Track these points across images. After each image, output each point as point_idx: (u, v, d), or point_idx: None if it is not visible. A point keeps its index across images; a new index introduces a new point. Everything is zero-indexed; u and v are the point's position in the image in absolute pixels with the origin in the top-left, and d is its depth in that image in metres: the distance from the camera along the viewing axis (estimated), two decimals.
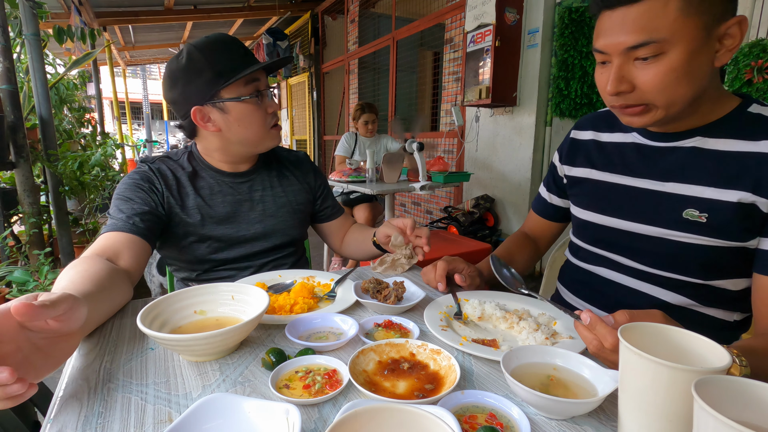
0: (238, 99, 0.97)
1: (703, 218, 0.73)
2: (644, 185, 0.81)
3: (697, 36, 0.64)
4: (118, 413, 0.51)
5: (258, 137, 1.03)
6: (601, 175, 0.89)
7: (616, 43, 0.67)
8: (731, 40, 0.66)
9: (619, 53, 0.68)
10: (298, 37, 6.97)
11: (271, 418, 0.46)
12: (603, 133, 0.92)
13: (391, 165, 2.72)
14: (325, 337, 0.71)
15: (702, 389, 0.33)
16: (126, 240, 0.90)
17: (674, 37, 0.63)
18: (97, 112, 5.66)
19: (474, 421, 0.49)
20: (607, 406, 0.54)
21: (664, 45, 0.64)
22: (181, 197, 1.04)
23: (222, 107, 0.97)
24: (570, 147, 0.98)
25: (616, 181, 0.86)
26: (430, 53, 5.28)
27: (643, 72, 0.67)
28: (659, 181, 0.79)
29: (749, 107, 0.73)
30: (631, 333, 0.45)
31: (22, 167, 2.61)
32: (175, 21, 6.02)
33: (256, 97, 0.99)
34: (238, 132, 1.01)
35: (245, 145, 1.05)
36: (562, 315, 0.77)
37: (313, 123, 7.05)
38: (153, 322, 0.65)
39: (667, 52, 0.64)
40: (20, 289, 2.46)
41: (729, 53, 0.67)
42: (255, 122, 1.00)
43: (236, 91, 0.97)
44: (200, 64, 0.94)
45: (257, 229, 1.10)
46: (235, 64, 0.96)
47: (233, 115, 0.98)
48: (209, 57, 0.95)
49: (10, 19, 2.70)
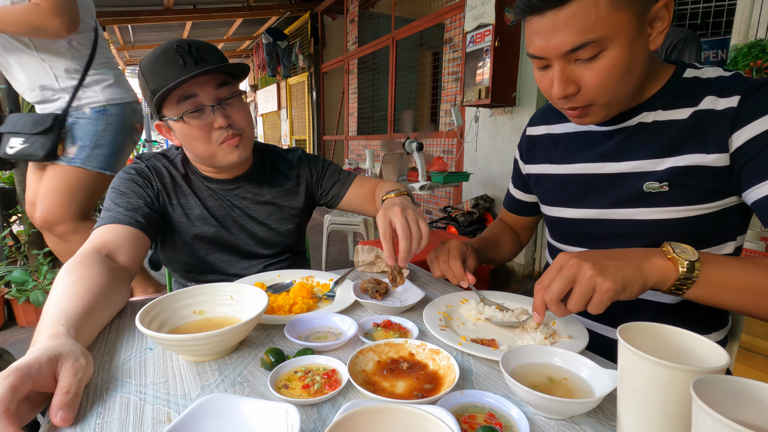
0: (172, 119, 0.92)
1: (665, 187, 0.73)
2: (601, 170, 0.81)
3: (632, 27, 0.63)
4: (117, 413, 0.51)
5: (206, 154, 0.95)
6: (559, 168, 0.89)
7: (553, 46, 0.65)
8: (661, 23, 0.66)
9: (559, 57, 0.66)
10: (298, 37, 6.96)
11: (270, 418, 0.46)
12: (555, 125, 0.92)
13: (391, 165, 2.72)
14: (324, 337, 0.71)
15: (700, 389, 0.33)
16: (126, 233, 0.87)
17: (611, 33, 0.62)
18: None
19: (473, 421, 0.49)
20: (605, 405, 0.54)
21: (603, 43, 0.63)
22: (176, 196, 1.02)
23: (169, 125, 0.94)
24: (527, 145, 0.98)
25: (575, 171, 0.86)
26: (429, 53, 5.27)
27: (587, 72, 0.66)
28: (614, 162, 0.79)
29: (684, 73, 0.74)
30: (630, 333, 0.45)
31: (21, 167, 2.61)
32: (174, 21, 6.02)
33: (193, 114, 0.90)
34: (190, 148, 0.97)
35: (203, 160, 0.98)
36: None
37: (313, 123, 7.05)
38: (152, 322, 0.65)
39: (606, 50, 0.64)
40: (19, 289, 2.46)
41: (661, 35, 0.67)
42: (196, 140, 0.93)
43: (171, 109, 0.91)
44: (142, 81, 0.92)
45: (247, 237, 1.08)
46: (166, 80, 0.87)
47: (177, 132, 0.94)
48: (147, 74, 0.90)
49: None
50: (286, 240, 1.14)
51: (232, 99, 0.95)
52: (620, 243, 0.81)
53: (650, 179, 0.74)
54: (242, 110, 0.97)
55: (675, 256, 0.59)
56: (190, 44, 0.90)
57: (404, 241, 0.79)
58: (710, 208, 0.72)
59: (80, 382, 0.52)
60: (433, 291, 0.94)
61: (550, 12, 0.64)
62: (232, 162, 0.97)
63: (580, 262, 0.59)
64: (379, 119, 5.60)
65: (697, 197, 0.72)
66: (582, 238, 0.88)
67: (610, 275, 0.57)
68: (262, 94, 9.43)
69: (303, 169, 1.16)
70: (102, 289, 0.71)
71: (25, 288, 2.47)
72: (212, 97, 0.92)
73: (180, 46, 0.89)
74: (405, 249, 0.79)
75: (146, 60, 0.91)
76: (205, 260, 1.07)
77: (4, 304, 2.56)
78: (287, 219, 1.13)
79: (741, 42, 1.96)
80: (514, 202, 1.09)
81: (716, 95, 0.69)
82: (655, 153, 0.74)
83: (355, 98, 5.84)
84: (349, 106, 6.00)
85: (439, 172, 2.87)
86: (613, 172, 0.79)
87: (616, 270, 0.57)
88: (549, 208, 0.93)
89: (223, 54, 0.97)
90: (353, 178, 1.18)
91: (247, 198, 1.08)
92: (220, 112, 0.92)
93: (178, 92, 0.89)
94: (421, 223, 0.82)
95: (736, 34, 1.99)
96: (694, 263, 0.59)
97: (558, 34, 0.64)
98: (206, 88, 0.91)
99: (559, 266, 0.61)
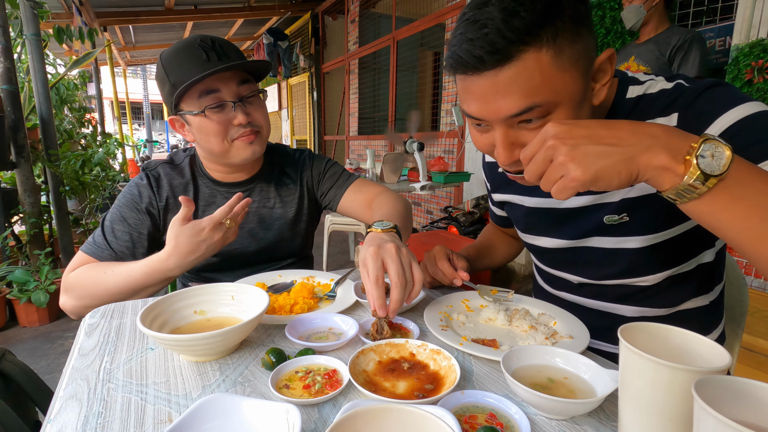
0: (191, 113, 0.92)
1: (625, 218, 0.71)
2: (561, 204, 0.79)
3: (578, 89, 0.58)
4: (118, 413, 0.51)
5: (220, 151, 0.95)
6: (524, 200, 0.86)
7: (493, 110, 0.58)
8: (603, 75, 0.62)
9: (501, 121, 0.59)
10: (299, 37, 6.97)
11: (271, 419, 0.46)
12: None
13: (391, 165, 2.72)
14: (325, 337, 0.71)
15: (702, 389, 0.33)
16: None
17: (557, 97, 0.56)
18: (98, 112, 5.67)
19: (474, 421, 0.49)
20: (607, 405, 0.54)
21: (549, 107, 0.57)
22: (177, 207, 0.99)
23: (185, 119, 0.94)
24: (489, 172, 0.95)
25: (538, 205, 0.84)
26: (430, 53, 5.27)
27: (532, 136, 0.58)
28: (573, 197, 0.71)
29: (627, 93, 0.69)
30: (631, 333, 0.45)
31: (22, 167, 2.62)
32: (175, 21, 6.03)
33: (215, 109, 0.91)
34: (203, 144, 0.96)
35: (215, 157, 0.99)
36: (560, 314, 0.77)
37: (314, 123, 7.06)
38: (153, 322, 0.65)
39: (552, 112, 0.58)
40: (21, 289, 2.46)
41: (604, 88, 0.62)
42: (212, 136, 0.93)
43: (191, 103, 0.91)
44: (162, 74, 0.92)
45: (251, 243, 1.06)
46: (189, 74, 0.87)
47: (194, 127, 0.94)
48: (168, 67, 0.90)
49: (11, 20, 2.71)
50: (290, 246, 1.12)
51: (252, 97, 0.96)
52: (596, 269, 0.80)
53: (608, 212, 0.73)
54: (261, 109, 0.98)
55: (692, 160, 0.46)
56: (214, 40, 0.91)
57: (398, 290, 0.65)
58: (675, 231, 0.70)
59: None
60: (434, 291, 0.94)
61: (488, 72, 0.56)
62: (246, 158, 0.97)
63: (558, 143, 0.51)
64: (379, 119, 5.61)
65: (660, 223, 0.70)
66: (559, 263, 0.87)
67: (583, 164, 0.49)
68: None
69: (305, 171, 1.14)
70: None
71: (26, 288, 2.47)
72: (234, 93, 0.92)
73: (204, 41, 0.90)
74: (398, 300, 0.65)
75: (168, 53, 0.91)
76: (208, 265, 1.05)
77: (5, 304, 2.57)
78: (292, 225, 1.10)
79: (742, 42, 1.95)
80: (497, 217, 1.06)
81: (658, 115, 0.65)
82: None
83: (355, 98, 5.85)
84: (350, 106, 6.01)
85: (440, 172, 2.87)
86: (572, 207, 0.78)
87: (595, 158, 0.49)
88: (524, 235, 0.91)
89: (242, 53, 0.97)
90: (352, 182, 1.13)
91: (255, 201, 1.07)
92: (241, 109, 0.92)
93: (200, 87, 0.89)
94: (415, 269, 0.69)
95: (738, 34, 1.99)
96: (709, 178, 0.46)
97: (499, 98, 0.57)
98: (228, 84, 0.91)
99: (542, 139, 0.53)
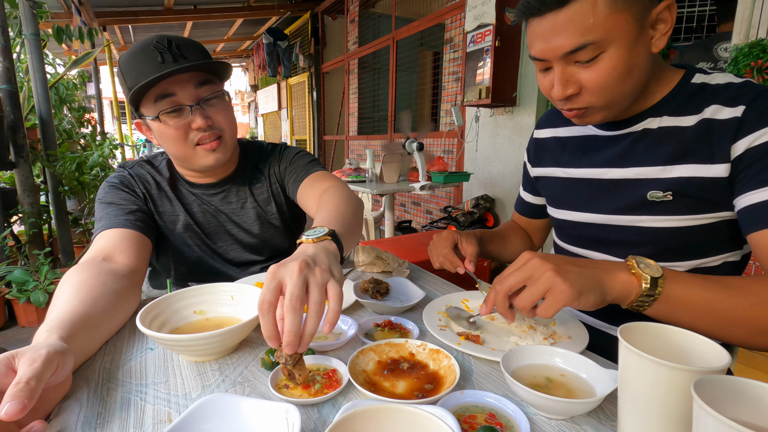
0: (149, 117, 0.88)
1: (668, 196, 0.72)
2: (606, 175, 0.80)
3: (631, 30, 0.63)
4: (118, 413, 0.51)
5: (182, 156, 0.92)
6: (565, 172, 0.88)
7: (552, 48, 0.66)
8: (664, 25, 0.66)
9: (559, 58, 0.67)
10: (298, 37, 6.97)
11: (271, 418, 0.46)
12: (560, 128, 0.92)
13: (391, 165, 2.72)
14: (325, 337, 0.71)
15: (701, 389, 0.33)
16: (123, 235, 0.85)
17: (609, 35, 0.62)
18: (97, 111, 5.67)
19: (473, 421, 0.49)
20: (606, 405, 0.54)
21: (602, 45, 0.63)
22: (162, 203, 0.99)
23: (147, 123, 0.90)
24: (535, 147, 0.98)
25: (580, 175, 0.85)
26: (430, 53, 5.27)
27: (586, 74, 0.66)
28: (619, 168, 0.78)
29: (692, 78, 0.72)
30: (630, 333, 0.45)
31: (21, 167, 2.61)
32: (175, 21, 6.02)
33: (171, 113, 0.86)
34: (167, 149, 0.93)
35: (180, 161, 0.95)
36: (560, 314, 0.77)
37: (313, 123, 7.05)
38: (152, 322, 0.65)
39: (605, 51, 0.64)
40: (20, 289, 2.46)
41: (664, 37, 0.66)
42: (172, 141, 0.89)
43: (148, 107, 0.87)
44: (120, 78, 0.88)
45: (234, 244, 1.05)
46: (143, 77, 0.82)
47: (154, 132, 0.90)
48: (125, 70, 0.86)
49: (10, 19, 2.70)
50: (273, 244, 1.09)
51: (214, 99, 0.90)
52: (624, 249, 0.80)
53: (654, 188, 0.73)
54: (224, 111, 0.93)
55: (639, 272, 0.58)
56: (171, 40, 0.86)
57: (289, 315, 0.51)
58: (714, 218, 0.71)
59: (36, 371, 0.45)
60: (433, 291, 0.94)
61: (549, 14, 0.64)
62: (209, 165, 0.93)
63: (542, 262, 0.58)
64: (379, 119, 5.60)
65: (701, 207, 0.71)
66: (587, 241, 0.87)
67: (569, 278, 0.56)
68: (263, 95, 9.43)
69: (273, 166, 1.08)
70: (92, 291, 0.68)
71: (25, 288, 2.47)
72: (192, 96, 0.87)
73: (159, 42, 0.85)
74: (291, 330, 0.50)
75: (125, 55, 0.87)
76: (198, 267, 1.04)
77: (4, 304, 2.56)
78: (268, 223, 1.07)
79: (742, 42, 1.96)
80: (524, 205, 1.08)
81: (723, 104, 0.67)
82: (660, 160, 0.73)
83: (355, 98, 5.84)
84: (350, 106, 6.00)
85: (440, 172, 2.87)
86: (617, 178, 0.79)
87: (576, 275, 0.57)
88: (555, 211, 0.93)
89: (208, 52, 0.93)
90: (308, 174, 1.02)
91: (232, 203, 1.04)
92: (199, 113, 0.88)
93: (155, 90, 0.85)
94: (332, 288, 0.55)
95: (737, 34, 1.99)
96: (657, 280, 0.57)
97: (557, 36, 0.65)
98: (185, 86, 0.86)
99: (521, 262, 0.60)
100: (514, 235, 1.09)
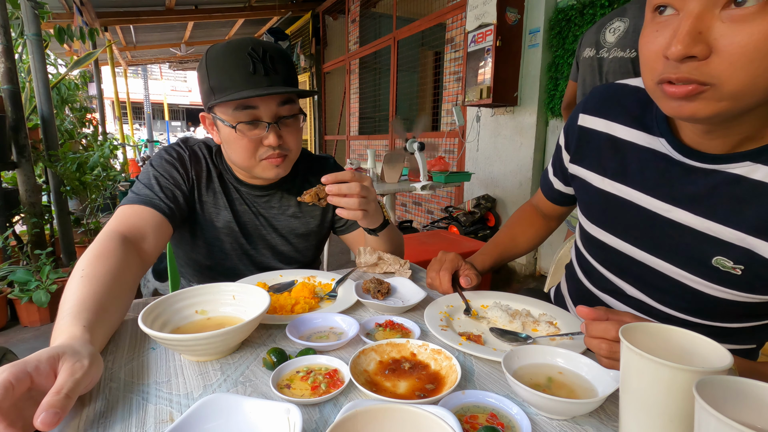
0: (224, 122, 0.88)
1: (738, 270, 0.57)
2: (668, 213, 0.63)
3: None
4: (119, 413, 0.51)
5: (244, 165, 0.93)
6: (611, 186, 0.71)
7: None
8: None
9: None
10: (299, 37, 6.97)
11: (272, 418, 0.46)
12: (619, 127, 0.70)
13: (392, 165, 2.72)
14: (326, 337, 0.71)
15: (703, 389, 0.33)
16: (154, 219, 0.86)
17: None
18: (99, 112, 5.67)
19: (475, 421, 0.49)
20: (608, 406, 0.54)
21: None
22: (207, 192, 0.99)
23: (216, 124, 0.91)
24: (578, 137, 0.78)
25: (632, 198, 0.68)
26: (431, 53, 5.27)
27: (732, 31, 0.44)
28: (685, 211, 0.61)
29: None
30: (632, 333, 0.45)
31: (23, 167, 2.62)
32: (176, 21, 6.03)
33: (248, 125, 0.87)
34: (228, 153, 0.94)
35: (238, 166, 0.96)
36: (561, 314, 0.77)
37: (314, 123, 7.06)
38: (154, 322, 0.65)
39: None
40: (22, 289, 2.47)
41: None
42: (239, 150, 0.89)
43: (226, 112, 0.87)
44: (203, 71, 0.88)
45: (265, 249, 1.05)
46: (230, 83, 0.83)
47: (222, 135, 0.91)
48: (210, 67, 0.86)
49: (12, 20, 2.71)
50: (302, 257, 1.10)
51: (291, 119, 0.92)
52: (660, 295, 0.69)
53: (724, 254, 0.58)
54: (296, 132, 0.94)
55: None
56: (266, 50, 0.85)
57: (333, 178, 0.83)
58: None
59: (76, 383, 0.46)
60: (434, 291, 0.94)
61: None
62: (268, 178, 0.96)
63: None
64: (380, 119, 5.60)
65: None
66: (620, 270, 0.74)
67: None
68: None
69: None
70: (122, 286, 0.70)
71: (27, 288, 2.47)
72: (272, 113, 0.88)
73: (255, 50, 0.84)
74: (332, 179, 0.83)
75: (215, 51, 0.86)
76: (220, 264, 1.04)
77: (7, 304, 2.57)
78: (307, 236, 1.09)
79: None
80: (551, 189, 0.92)
81: None
82: (743, 225, 0.56)
83: (356, 98, 5.84)
84: (351, 106, 6.01)
85: (441, 172, 2.87)
86: (680, 222, 0.62)
87: None
88: (589, 224, 0.77)
89: (293, 65, 0.92)
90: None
91: (275, 207, 1.05)
92: (274, 131, 0.88)
93: (239, 101, 0.85)
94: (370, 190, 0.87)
95: None
96: None
97: None
98: (268, 102, 0.87)
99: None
100: (523, 232, 1.00)
